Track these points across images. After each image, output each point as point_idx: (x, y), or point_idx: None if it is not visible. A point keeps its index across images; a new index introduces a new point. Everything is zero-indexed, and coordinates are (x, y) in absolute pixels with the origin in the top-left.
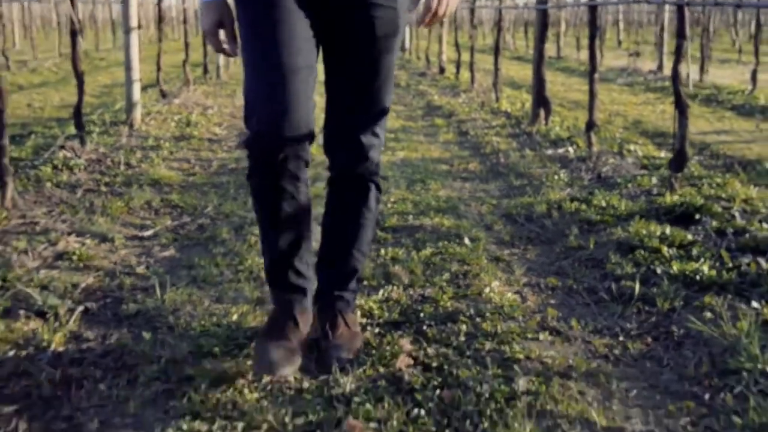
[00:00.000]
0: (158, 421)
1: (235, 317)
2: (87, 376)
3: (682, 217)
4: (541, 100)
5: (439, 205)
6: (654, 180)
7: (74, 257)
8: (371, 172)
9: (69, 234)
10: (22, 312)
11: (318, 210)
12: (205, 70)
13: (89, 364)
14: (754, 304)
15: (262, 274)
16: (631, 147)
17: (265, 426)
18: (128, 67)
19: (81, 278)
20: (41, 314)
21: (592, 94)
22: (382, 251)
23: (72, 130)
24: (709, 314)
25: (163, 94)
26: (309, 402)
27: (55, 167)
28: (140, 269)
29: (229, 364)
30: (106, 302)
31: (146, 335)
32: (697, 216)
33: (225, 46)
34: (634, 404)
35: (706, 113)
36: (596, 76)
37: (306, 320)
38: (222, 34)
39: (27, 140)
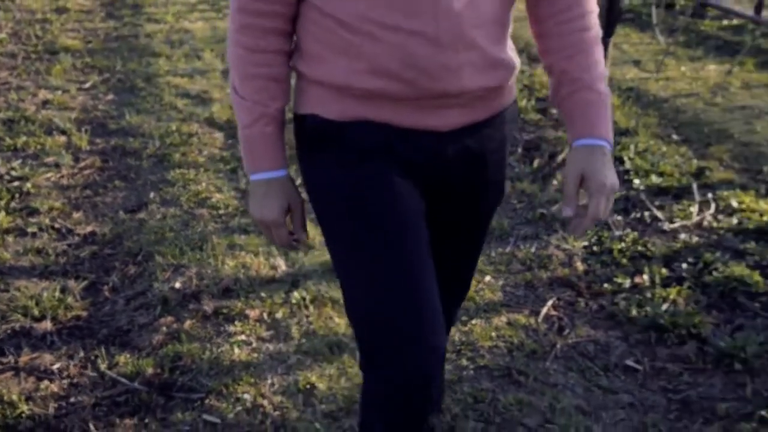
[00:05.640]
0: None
1: (174, 126)
2: (112, 157)
3: None
4: None
5: None
6: None
7: (54, 103)
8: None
9: (39, 88)
10: (54, 130)
11: None
12: None
13: (109, 151)
14: None
15: (179, 104)
16: None
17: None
18: None
19: (69, 114)
20: (64, 132)
21: None
22: None
23: None
24: None
25: None
26: None
27: None
28: (101, 107)
29: (184, 148)
30: (95, 125)
31: (132, 139)
32: None
33: (294, 237)
34: None
35: None
36: None
37: None
38: (289, 221)
39: None
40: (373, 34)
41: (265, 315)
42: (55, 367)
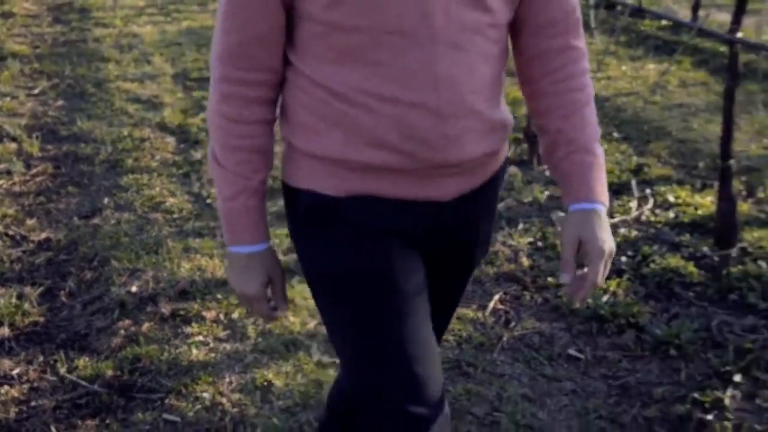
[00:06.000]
0: (113, 180)
1: (125, 131)
2: (64, 163)
3: None
4: None
5: None
6: None
7: (3, 109)
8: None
9: None
10: (4, 137)
11: None
12: None
13: (61, 157)
14: None
15: (130, 109)
16: None
17: None
18: None
19: (18, 121)
20: (15, 139)
21: None
22: None
23: None
24: None
25: None
26: None
27: None
28: (52, 113)
29: (136, 153)
30: (45, 131)
31: (83, 145)
32: None
33: (273, 305)
34: None
35: None
36: None
37: None
38: (270, 292)
39: None
40: (370, 106)
41: (221, 316)
42: (15, 372)
